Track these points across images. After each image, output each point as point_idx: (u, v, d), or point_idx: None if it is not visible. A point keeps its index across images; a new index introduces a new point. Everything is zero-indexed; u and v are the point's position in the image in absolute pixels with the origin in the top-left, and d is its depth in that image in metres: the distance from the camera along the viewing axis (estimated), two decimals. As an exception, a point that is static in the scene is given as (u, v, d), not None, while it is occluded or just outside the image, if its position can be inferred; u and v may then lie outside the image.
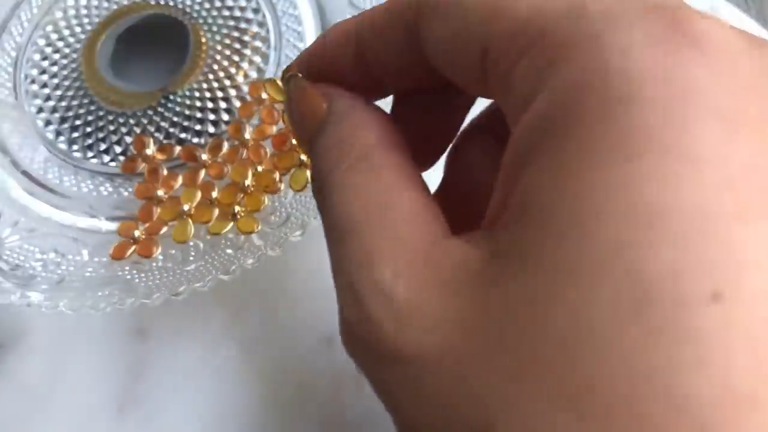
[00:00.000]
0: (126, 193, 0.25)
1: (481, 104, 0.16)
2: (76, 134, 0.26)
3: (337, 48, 0.15)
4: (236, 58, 0.27)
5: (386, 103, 0.16)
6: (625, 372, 0.09)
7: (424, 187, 0.14)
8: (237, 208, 0.23)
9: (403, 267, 0.12)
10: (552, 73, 0.11)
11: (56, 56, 0.28)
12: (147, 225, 0.24)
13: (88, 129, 0.26)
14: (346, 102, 0.15)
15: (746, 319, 0.09)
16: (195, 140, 0.26)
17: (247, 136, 0.25)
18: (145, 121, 0.26)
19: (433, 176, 0.17)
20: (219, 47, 0.27)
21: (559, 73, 0.11)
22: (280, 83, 0.23)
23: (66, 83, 0.27)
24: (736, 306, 0.09)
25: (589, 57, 0.10)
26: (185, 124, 0.26)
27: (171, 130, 0.26)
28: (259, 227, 0.23)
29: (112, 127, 0.26)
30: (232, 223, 0.23)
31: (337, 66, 0.15)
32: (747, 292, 0.09)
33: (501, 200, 0.12)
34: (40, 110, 0.27)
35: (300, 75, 0.16)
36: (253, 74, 0.27)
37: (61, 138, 0.27)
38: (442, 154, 0.17)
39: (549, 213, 0.10)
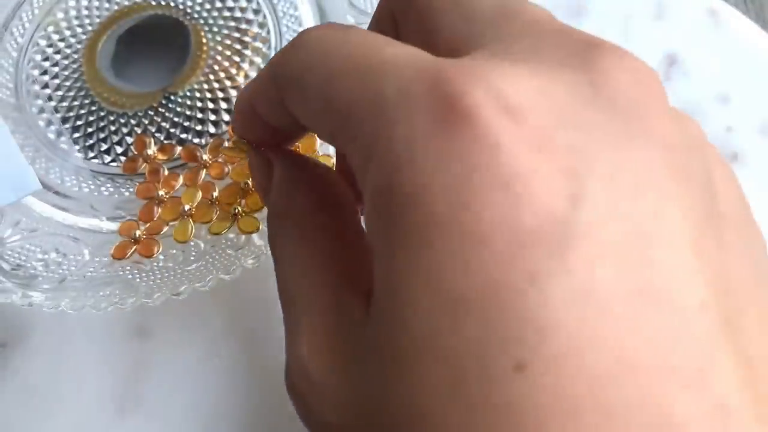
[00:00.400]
0: (127, 193, 0.25)
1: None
2: (77, 135, 0.27)
3: (246, 114, 0.16)
4: (237, 58, 0.27)
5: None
6: None
7: (355, 241, 0.15)
8: (238, 208, 0.23)
9: (322, 342, 0.13)
10: (367, 171, 0.11)
11: (57, 57, 0.28)
12: (148, 225, 0.24)
13: (90, 129, 0.27)
14: (284, 164, 0.16)
15: (553, 382, 0.09)
16: (196, 140, 0.26)
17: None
18: (146, 122, 0.26)
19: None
20: (220, 48, 0.27)
21: (370, 173, 0.11)
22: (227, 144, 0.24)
23: (67, 84, 0.27)
24: (539, 371, 0.09)
25: (385, 158, 0.11)
26: (186, 124, 0.26)
27: (172, 130, 0.26)
28: (260, 227, 0.23)
29: (113, 128, 0.26)
30: (232, 223, 0.23)
31: (255, 128, 0.17)
32: (549, 356, 0.09)
33: None
34: (42, 110, 0.27)
35: (243, 140, 0.18)
36: (254, 75, 0.27)
37: (63, 138, 0.27)
38: None
39: (382, 307, 0.11)
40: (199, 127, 0.26)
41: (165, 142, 0.26)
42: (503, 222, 0.10)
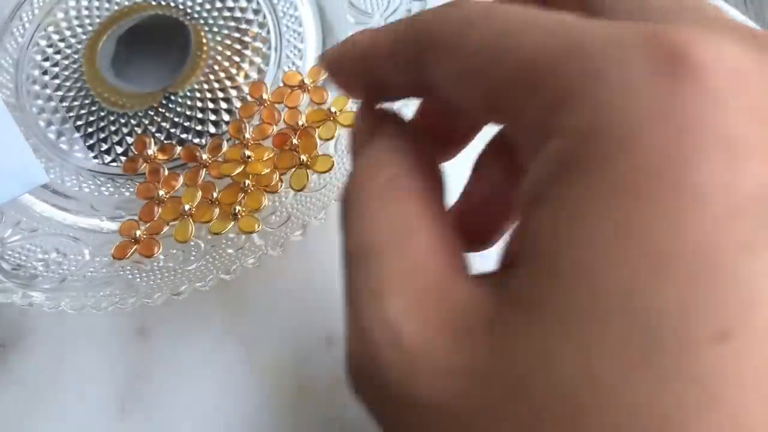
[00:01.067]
0: (127, 193, 0.25)
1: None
2: (77, 135, 0.27)
3: (350, 73, 0.15)
4: (237, 58, 0.27)
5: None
6: (632, 420, 0.09)
7: (446, 218, 0.14)
8: (238, 208, 0.23)
9: (414, 303, 0.11)
10: (558, 119, 0.11)
11: (58, 57, 0.28)
12: (148, 225, 0.24)
13: (90, 129, 0.27)
14: (388, 128, 0.15)
15: (756, 356, 0.09)
16: (196, 140, 0.26)
17: (248, 135, 0.25)
18: (146, 122, 0.26)
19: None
20: (220, 48, 0.27)
21: (564, 119, 0.10)
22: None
23: (67, 84, 0.27)
24: (745, 343, 0.09)
25: (591, 101, 0.10)
26: (186, 124, 0.26)
27: (172, 130, 0.26)
28: (260, 227, 0.23)
29: (113, 128, 0.26)
30: (232, 223, 0.23)
31: (355, 88, 0.16)
32: (756, 328, 0.09)
33: (514, 244, 0.12)
34: (42, 111, 0.27)
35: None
36: (254, 75, 0.27)
37: (63, 138, 0.27)
38: (464, 145, 0.17)
39: (558, 261, 0.10)
40: (199, 127, 0.26)
41: (165, 142, 0.26)
42: (722, 184, 0.09)
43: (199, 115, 0.26)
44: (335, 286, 0.25)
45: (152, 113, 0.26)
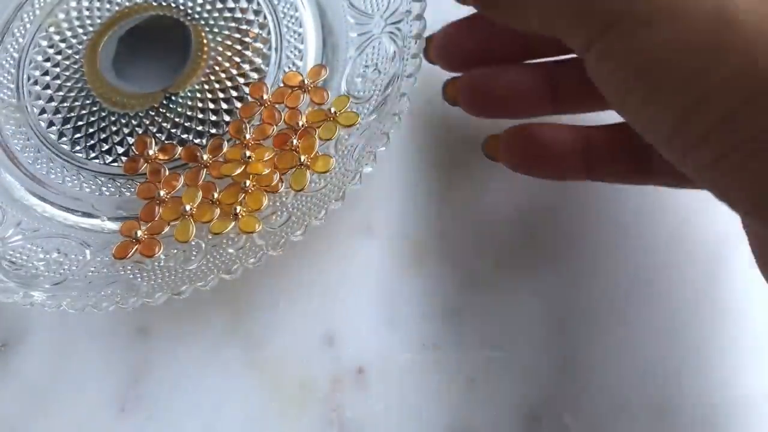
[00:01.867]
0: (128, 194, 0.26)
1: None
2: (78, 135, 0.27)
3: None
4: (237, 59, 0.27)
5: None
6: None
7: None
8: (238, 208, 0.23)
9: None
10: None
11: (59, 57, 0.28)
12: (149, 225, 0.24)
13: (91, 130, 0.27)
14: None
15: None
16: (196, 141, 0.26)
17: (248, 136, 0.25)
18: (147, 122, 0.26)
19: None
20: (220, 48, 0.27)
21: None
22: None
23: (68, 84, 0.27)
24: None
25: None
26: (187, 124, 0.26)
27: (173, 130, 0.26)
28: (261, 227, 0.23)
29: (114, 128, 0.26)
30: (233, 223, 0.23)
31: None
32: None
33: None
34: (43, 111, 0.27)
35: None
36: (254, 75, 0.27)
37: (64, 139, 0.27)
38: None
39: None
40: (199, 128, 0.26)
41: (166, 142, 0.26)
42: None
43: (200, 116, 0.26)
44: (335, 286, 0.25)
45: (153, 113, 0.26)
